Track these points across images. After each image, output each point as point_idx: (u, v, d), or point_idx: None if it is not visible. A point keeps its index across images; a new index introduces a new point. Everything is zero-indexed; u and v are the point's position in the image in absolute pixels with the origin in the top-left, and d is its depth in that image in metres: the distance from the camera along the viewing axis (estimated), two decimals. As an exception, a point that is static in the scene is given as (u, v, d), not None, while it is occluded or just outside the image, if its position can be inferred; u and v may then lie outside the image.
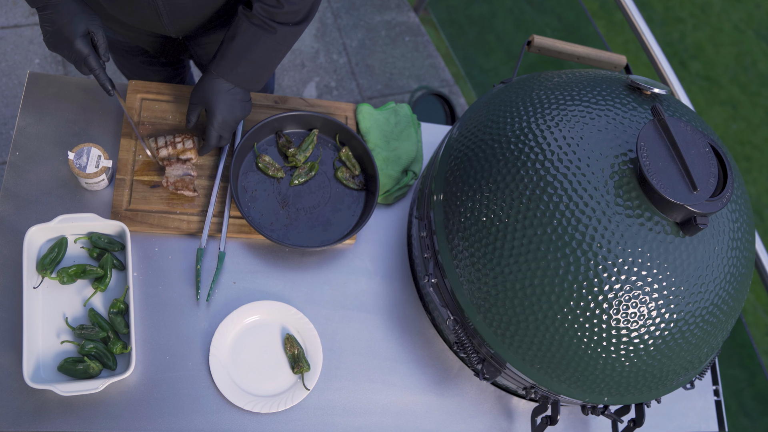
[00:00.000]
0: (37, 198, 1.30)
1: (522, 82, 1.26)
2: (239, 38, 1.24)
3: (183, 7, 1.27)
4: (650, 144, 1.03)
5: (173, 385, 1.23)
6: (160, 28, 1.33)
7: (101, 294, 1.25)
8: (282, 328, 1.31)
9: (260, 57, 1.27)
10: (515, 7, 3.15)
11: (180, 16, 1.30)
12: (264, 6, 1.22)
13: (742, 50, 3.93)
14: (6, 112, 2.40)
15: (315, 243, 1.38)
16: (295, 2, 1.22)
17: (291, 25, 1.26)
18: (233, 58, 1.26)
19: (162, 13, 1.28)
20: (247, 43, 1.24)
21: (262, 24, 1.23)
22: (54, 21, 1.15)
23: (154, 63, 1.60)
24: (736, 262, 1.11)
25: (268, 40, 1.25)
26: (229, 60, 1.26)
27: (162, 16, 1.29)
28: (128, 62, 1.59)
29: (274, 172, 1.40)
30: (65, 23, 1.14)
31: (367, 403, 1.31)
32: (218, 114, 1.29)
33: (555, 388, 1.15)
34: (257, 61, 1.27)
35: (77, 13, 1.15)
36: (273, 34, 1.24)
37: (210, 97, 1.28)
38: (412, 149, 1.51)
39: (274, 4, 1.21)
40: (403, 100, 2.81)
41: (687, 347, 1.11)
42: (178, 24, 1.33)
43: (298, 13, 1.25)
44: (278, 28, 1.24)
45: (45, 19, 1.16)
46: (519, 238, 1.07)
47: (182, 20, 1.32)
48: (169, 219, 1.32)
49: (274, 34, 1.24)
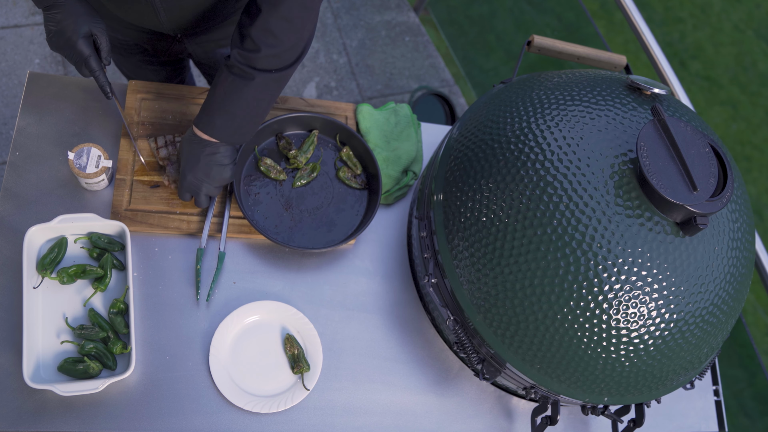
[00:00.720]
0: (37, 198, 1.30)
1: (522, 82, 1.26)
2: (218, 89, 1.18)
3: (179, 4, 1.27)
4: (650, 144, 1.03)
5: (173, 385, 1.23)
6: (157, 25, 1.33)
7: (101, 294, 1.25)
8: (282, 328, 1.31)
9: (240, 108, 1.19)
10: (515, 7, 3.15)
11: (176, 13, 1.29)
12: (241, 52, 1.14)
13: (742, 50, 3.93)
14: (6, 112, 2.40)
15: (320, 244, 1.38)
16: (274, 45, 1.13)
17: (273, 72, 1.17)
18: (212, 111, 1.19)
19: (159, 10, 1.27)
20: (225, 94, 1.18)
21: (240, 72, 1.16)
22: (58, 21, 1.15)
23: (153, 62, 1.60)
24: (736, 262, 1.11)
25: (246, 90, 1.17)
26: (208, 113, 1.20)
27: (159, 13, 1.28)
28: (127, 61, 1.59)
29: (276, 175, 1.40)
30: (69, 23, 1.14)
31: (367, 403, 1.31)
32: (188, 172, 1.24)
33: (555, 388, 1.15)
34: (236, 113, 1.19)
35: (81, 14, 1.15)
36: (251, 82, 1.16)
37: (185, 153, 1.24)
38: (412, 149, 1.51)
39: (252, 49, 1.14)
40: (403, 100, 2.81)
41: (687, 347, 1.11)
42: (175, 21, 1.32)
43: (281, 57, 1.16)
44: (256, 76, 1.15)
45: (49, 19, 1.16)
46: (519, 238, 1.07)
47: (179, 17, 1.31)
48: (169, 219, 1.32)
49: (252, 82, 1.16)
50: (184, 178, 1.25)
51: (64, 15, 1.14)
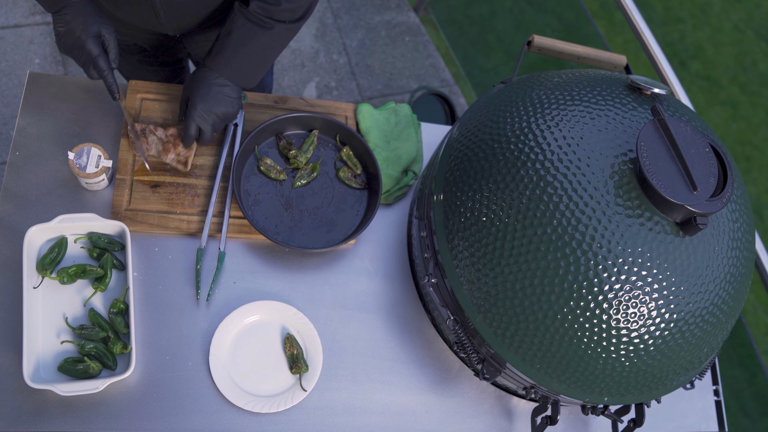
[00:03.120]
0: (37, 198, 1.30)
1: (522, 82, 1.26)
2: (235, 34, 1.24)
3: (180, 6, 1.28)
4: (650, 144, 1.03)
5: (173, 385, 1.23)
6: (157, 26, 1.33)
7: (101, 294, 1.25)
8: (282, 328, 1.31)
9: (255, 53, 1.27)
10: (515, 7, 3.15)
11: (177, 15, 1.30)
12: (261, 4, 1.22)
13: (742, 50, 3.93)
14: (6, 112, 2.40)
15: (320, 244, 1.38)
16: (293, 0, 1.22)
17: (288, 23, 1.26)
18: (228, 54, 1.26)
19: (159, 12, 1.28)
20: (242, 39, 1.24)
21: (258, 20, 1.23)
22: (67, 21, 1.16)
23: (152, 62, 1.61)
24: (736, 262, 1.11)
25: (263, 37, 1.25)
26: (224, 55, 1.26)
27: (159, 15, 1.29)
28: (126, 62, 1.60)
29: (276, 175, 1.40)
30: (78, 23, 1.16)
31: (367, 403, 1.31)
32: (198, 101, 1.27)
33: (555, 388, 1.15)
34: (252, 57, 1.27)
35: (91, 15, 1.17)
36: (269, 30, 1.24)
37: (194, 85, 1.28)
38: (412, 149, 1.51)
39: (272, 2, 1.22)
40: (403, 100, 2.81)
41: (687, 347, 1.11)
42: (176, 22, 1.33)
43: (296, 11, 1.25)
44: (275, 25, 1.24)
45: (59, 21, 1.17)
46: (519, 238, 1.07)
47: (179, 18, 1.32)
48: (169, 219, 1.32)
49: (271, 31, 1.24)
50: (194, 107, 1.28)
51: (72, 16, 1.16)
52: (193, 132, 1.30)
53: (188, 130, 1.29)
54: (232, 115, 1.32)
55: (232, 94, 1.30)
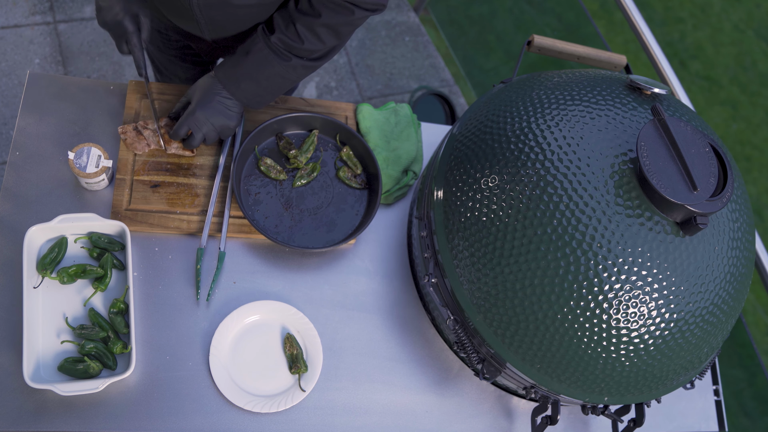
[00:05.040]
0: (37, 198, 1.30)
1: (522, 82, 1.26)
2: (252, 56, 1.25)
3: (222, 23, 1.30)
4: (650, 144, 1.03)
5: (173, 385, 1.23)
6: (198, 32, 1.36)
7: (101, 294, 1.25)
8: (282, 328, 1.31)
9: (267, 80, 1.28)
10: (515, 7, 3.15)
11: (218, 30, 1.32)
12: (284, 39, 1.23)
13: (742, 50, 3.93)
14: (6, 112, 2.40)
15: (320, 244, 1.38)
16: (315, 43, 1.23)
17: (305, 60, 1.27)
18: (240, 73, 1.27)
19: (203, 28, 1.31)
20: (257, 63, 1.25)
21: (278, 51, 1.24)
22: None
23: (187, 59, 1.63)
24: (736, 262, 1.11)
25: (278, 67, 1.25)
26: (236, 73, 1.27)
27: (203, 31, 1.32)
28: (163, 54, 1.62)
29: (276, 175, 1.41)
30: (119, 1, 1.21)
31: (367, 403, 1.31)
32: (198, 108, 1.29)
33: (555, 388, 1.15)
34: (262, 83, 1.28)
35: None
36: (286, 62, 1.25)
37: (199, 93, 1.29)
38: (412, 149, 1.51)
39: (295, 40, 1.22)
40: (403, 100, 2.81)
41: (687, 347, 1.11)
42: (216, 34, 1.35)
43: (316, 52, 1.27)
44: (292, 59, 1.25)
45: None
46: (519, 238, 1.07)
47: (220, 32, 1.34)
48: (169, 219, 1.32)
49: (287, 62, 1.25)
50: (192, 113, 1.29)
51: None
52: (182, 132, 1.31)
53: (178, 129, 1.30)
54: (230, 129, 1.32)
55: (233, 108, 1.31)
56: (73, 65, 2.53)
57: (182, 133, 1.31)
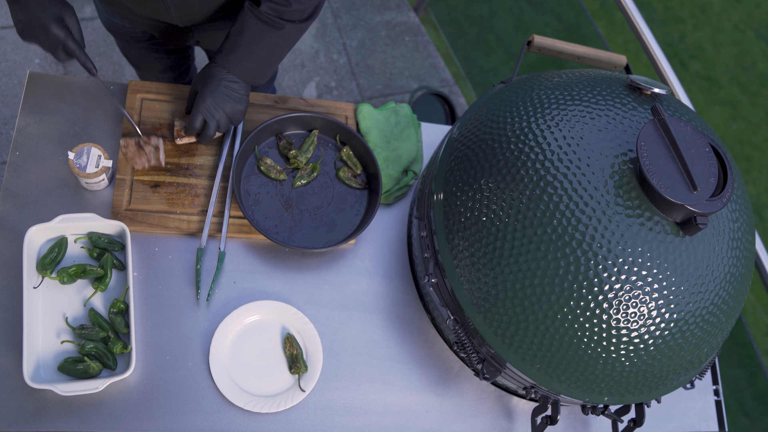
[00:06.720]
0: (37, 198, 1.30)
1: (522, 82, 1.26)
2: (246, 33, 1.26)
3: (190, 1, 1.30)
4: (650, 144, 1.03)
5: (173, 385, 1.23)
6: (167, 18, 1.35)
7: (101, 294, 1.25)
8: (282, 328, 1.31)
9: (266, 52, 1.29)
10: (515, 7, 3.15)
11: (187, 9, 1.32)
12: (272, 5, 1.24)
13: (742, 50, 3.93)
14: (6, 112, 2.40)
15: (320, 244, 1.38)
16: (303, 1, 1.24)
17: (297, 22, 1.28)
18: (240, 53, 1.27)
19: (170, 6, 1.30)
20: (253, 38, 1.26)
21: (269, 21, 1.25)
22: (28, 8, 1.16)
23: (159, 50, 1.63)
24: (736, 262, 1.11)
25: (274, 36, 1.27)
26: (236, 54, 1.28)
27: (170, 9, 1.31)
28: (133, 48, 1.62)
29: (276, 175, 1.41)
30: (38, 9, 1.16)
31: (367, 403, 1.31)
32: (207, 95, 1.29)
33: (555, 388, 1.15)
34: (263, 56, 1.29)
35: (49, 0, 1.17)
36: (280, 30, 1.26)
37: (204, 80, 1.30)
38: (412, 149, 1.51)
39: (283, 3, 1.23)
40: (403, 100, 2.81)
41: (687, 347, 1.11)
42: (185, 16, 1.35)
43: (305, 11, 1.27)
44: (285, 25, 1.26)
45: (18, 9, 1.17)
46: (519, 238, 1.07)
47: (189, 12, 1.34)
48: (169, 219, 1.32)
49: (281, 30, 1.26)
50: (203, 101, 1.29)
51: (33, 2, 1.16)
52: (197, 124, 1.30)
53: (193, 121, 1.30)
54: (240, 113, 1.33)
55: (240, 90, 1.31)
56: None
57: (197, 125, 1.30)
